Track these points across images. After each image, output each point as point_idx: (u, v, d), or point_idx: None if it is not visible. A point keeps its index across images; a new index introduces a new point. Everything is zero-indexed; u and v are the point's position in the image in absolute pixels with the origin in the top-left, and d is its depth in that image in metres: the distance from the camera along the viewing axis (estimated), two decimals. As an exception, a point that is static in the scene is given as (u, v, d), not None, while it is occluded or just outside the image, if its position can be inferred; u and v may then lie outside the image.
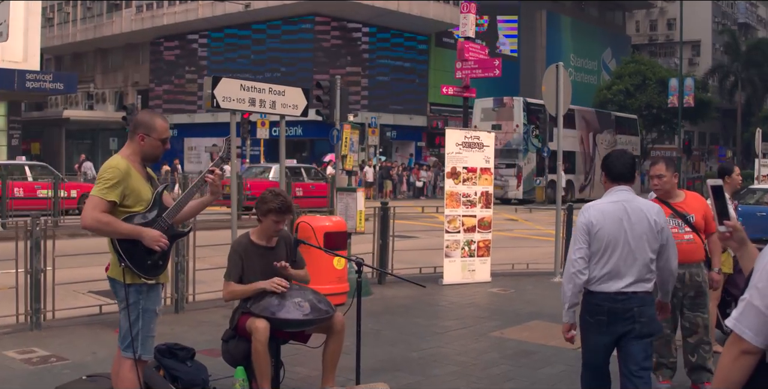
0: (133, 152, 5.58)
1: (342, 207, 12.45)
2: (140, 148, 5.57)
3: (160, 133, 5.61)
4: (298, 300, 6.33)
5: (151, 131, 5.57)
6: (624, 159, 5.71)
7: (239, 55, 53.24)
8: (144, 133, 5.55)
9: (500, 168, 36.39)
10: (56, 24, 66.90)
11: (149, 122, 5.60)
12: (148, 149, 5.59)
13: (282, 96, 11.35)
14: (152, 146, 5.59)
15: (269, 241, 6.73)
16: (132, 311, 5.49)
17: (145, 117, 5.67)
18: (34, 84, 36.38)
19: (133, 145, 5.58)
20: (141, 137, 5.55)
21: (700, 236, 7.22)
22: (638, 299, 5.47)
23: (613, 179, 5.68)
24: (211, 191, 5.74)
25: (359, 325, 6.41)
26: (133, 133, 5.59)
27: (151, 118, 5.65)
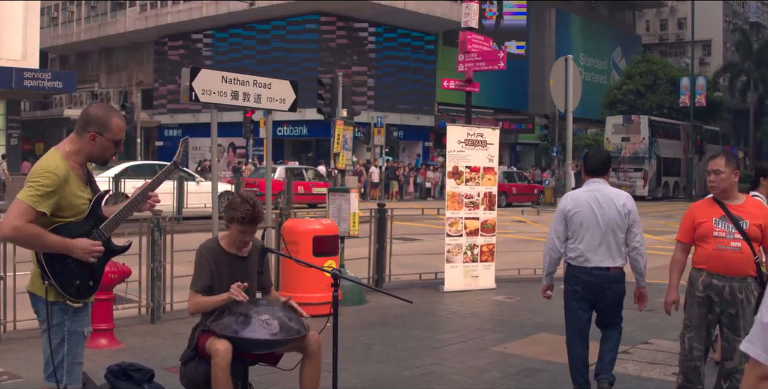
0: (77, 151, 4.70)
1: (334, 209, 11.62)
2: (88, 148, 4.70)
3: (114, 133, 4.74)
4: (265, 317, 5.48)
5: (105, 130, 4.70)
6: (597, 157, 6.93)
7: (244, 55, 52.44)
8: (96, 131, 4.67)
9: (629, 172, 48.46)
10: (60, 23, 66.33)
11: (104, 120, 4.70)
12: (98, 150, 4.73)
13: (268, 89, 10.53)
14: (103, 147, 4.73)
15: (239, 250, 5.89)
16: (55, 333, 4.65)
17: (99, 112, 4.74)
18: (32, 82, 35.78)
19: (79, 143, 4.70)
20: (92, 135, 4.67)
21: (752, 247, 6.22)
22: (610, 275, 6.72)
23: (588, 173, 6.93)
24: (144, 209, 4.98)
25: (335, 346, 5.53)
26: (82, 129, 4.69)
27: (106, 114, 4.74)
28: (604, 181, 6.83)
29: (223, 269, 5.78)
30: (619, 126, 50.70)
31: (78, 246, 4.56)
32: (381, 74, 53.56)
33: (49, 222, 4.52)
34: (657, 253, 13.31)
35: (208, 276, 5.77)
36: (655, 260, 8.17)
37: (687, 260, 6.56)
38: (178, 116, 57.73)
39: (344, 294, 10.92)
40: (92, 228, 4.70)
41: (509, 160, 65.17)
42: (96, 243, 4.64)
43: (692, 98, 53.94)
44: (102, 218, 4.75)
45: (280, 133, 50.45)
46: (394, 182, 44.58)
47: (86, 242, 4.60)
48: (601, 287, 6.70)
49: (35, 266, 4.63)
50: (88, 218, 4.70)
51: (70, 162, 4.62)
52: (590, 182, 6.87)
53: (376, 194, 42.10)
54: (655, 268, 8.34)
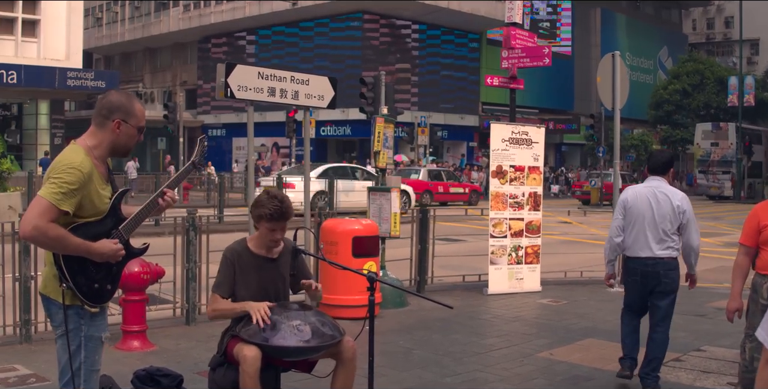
0: (98, 144, 4.40)
1: (375, 209, 11.30)
2: (113, 138, 4.41)
3: (139, 119, 4.47)
4: (296, 323, 5.17)
5: (130, 117, 4.42)
6: (659, 157, 7.43)
7: (287, 53, 52.32)
8: (121, 118, 4.39)
9: (717, 174, 51.41)
10: (105, 24, 66.68)
11: (127, 106, 4.43)
12: (123, 139, 4.43)
13: (306, 85, 10.24)
14: (128, 135, 4.44)
15: (269, 251, 5.59)
16: (72, 339, 4.36)
17: (121, 98, 4.46)
18: (75, 82, 35.96)
19: (101, 134, 4.40)
20: (117, 123, 4.38)
21: None
22: (663, 263, 7.13)
23: (650, 171, 7.42)
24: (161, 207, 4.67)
25: (371, 354, 5.19)
26: (104, 118, 4.39)
27: (128, 100, 4.47)
28: (663, 180, 7.29)
29: (250, 273, 5.49)
30: (708, 132, 52.98)
31: (101, 249, 4.28)
32: (424, 72, 53.22)
33: (68, 222, 4.21)
34: (705, 255, 12.86)
35: (232, 280, 5.48)
36: (703, 263, 7.81)
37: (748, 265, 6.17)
38: (221, 116, 57.78)
39: (384, 296, 10.62)
40: (111, 229, 4.41)
41: (554, 160, 64.59)
42: (119, 247, 4.36)
43: (740, 98, 53.06)
44: (121, 218, 4.47)
45: (323, 133, 50.30)
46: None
47: (109, 246, 4.31)
48: (658, 275, 7.10)
49: (50, 267, 4.34)
50: (108, 218, 4.40)
51: (91, 158, 4.33)
52: (650, 179, 7.36)
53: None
54: (704, 271, 7.95)
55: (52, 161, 4.33)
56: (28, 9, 37.24)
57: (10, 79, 34.51)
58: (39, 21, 37.43)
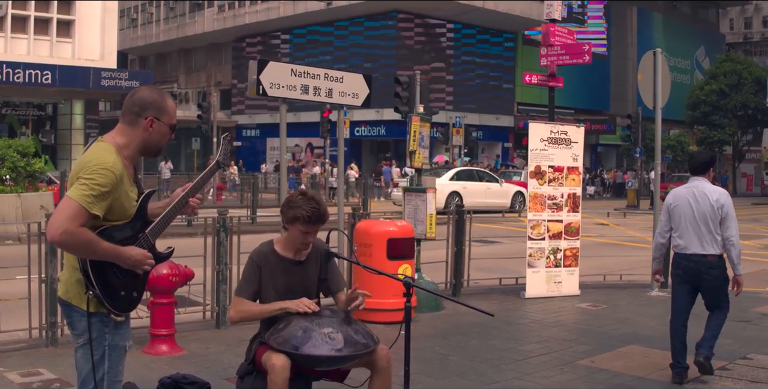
0: (130, 142, 4.14)
1: (410, 210, 11.02)
2: (145, 136, 4.16)
3: (171, 116, 4.24)
4: (328, 330, 4.91)
5: (162, 114, 4.18)
6: (699, 158, 7.77)
7: (321, 53, 52.19)
8: (154, 116, 4.15)
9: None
10: (140, 24, 66.92)
11: (159, 102, 4.18)
12: (155, 137, 4.19)
13: (340, 83, 9.99)
14: (161, 133, 4.21)
15: (297, 254, 5.33)
16: (96, 348, 4.10)
17: (153, 95, 4.21)
18: (109, 82, 36.02)
19: (132, 132, 4.14)
20: (150, 120, 4.13)
21: None
22: (707, 261, 7.42)
23: (691, 172, 7.79)
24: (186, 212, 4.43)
25: (407, 364, 4.91)
26: (136, 115, 4.14)
27: (161, 96, 4.22)
28: (704, 179, 7.62)
29: (276, 276, 5.23)
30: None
31: (130, 256, 4.04)
32: (459, 73, 52.89)
33: (94, 225, 3.95)
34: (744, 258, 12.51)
35: (257, 284, 5.23)
36: (743, 266, 7.51)
37: None
38: (256, 116, 57.74)
39: (420, 299, 10.32)
40: (138, 232, 4.16)
41: (590, 161, 64.04)
42: (148, 254, 4.12)
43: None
44: (148, 220, 4.22)
45: (358, 133, 50.10)
46: (473, 183, 43.93)
47: (139, 252, 4.07)
48: (700, 272, 7.44)
49: (71, 272, 4.09)
50: (134, 221, 4.16)
51: (121, 158, 4.08)
52: (692, 179, 7.70)
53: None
54: (745, 275, 7.64)
55: (79, 160, 4.06)
56: (63, 9, 37.37)
57: (45, 79, 34.61)
58: (74, 21, 37.54)
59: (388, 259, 9.71)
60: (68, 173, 4.62)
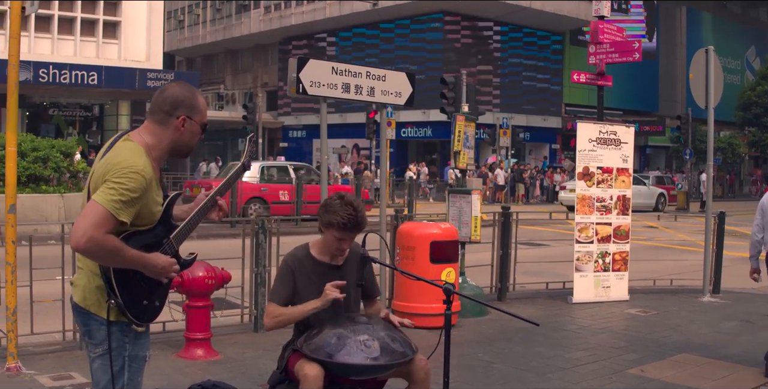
0: (159, 142, 3.89)
1: (455, 212, 10.74)
2: (175, 136, 3.91)
3: (203, 115, 3.99)
4: (363, 337, 4.65)
5: (194, 112, 3.93)
6: None
7: (367, 55, 51.95)
8: (186, 114, 3.89)
9: None
10: (186, 26, 67.20)
11: (192, 100, 3.92)
12: (186, 137, 3.94)
13: (382, 81, 9.72)
14: (192, 133, 3.95)
15: (334, 258, 5.08)
16: (115, 359, 3.86)
17: (185, 92, 3.93)
18: (155, 83, 36.13)
19: (161, 132, 3.89)
20: (183, 119, 3.87)
21: None
22: None
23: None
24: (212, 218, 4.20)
25: (446, 375, 4.63)
26: (167, 114, 3.87)
27: (192, 94, 3.95)
28: None
29: (312, 281, 4.99)
30: None
31: (156, 263, 3.79)
32: (507, 73, 52.44)
33: (119, 230, 3.69)
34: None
35: (291, 289, 4.99)
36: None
37: None
38: (302, 117, 57.66)
39: (464, 304, 10.05)
40: (162, 238, 3.91)
41: (638, 163, 63.24)
42: (173, 260, 3.88)
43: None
44: (172, 225, 3.98)
45: (404, 134, 49.84)
46: (520, 184, 43.56)
47: (165, 260, 3.83)
48: None
49: (90, 278, 3.84)
50: (159, 226, 3.90)
51: (150, 159, 3.83)
52: None
53: (502, 196, 41.15)
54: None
55: (105, 159, 3.78)
56: (109, 11, 37.59)
57: (91, 80, 34.81)
58: (120, 22, 37.73)
59: (431, 262, 9.46)
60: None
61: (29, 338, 8.04)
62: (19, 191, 17.80)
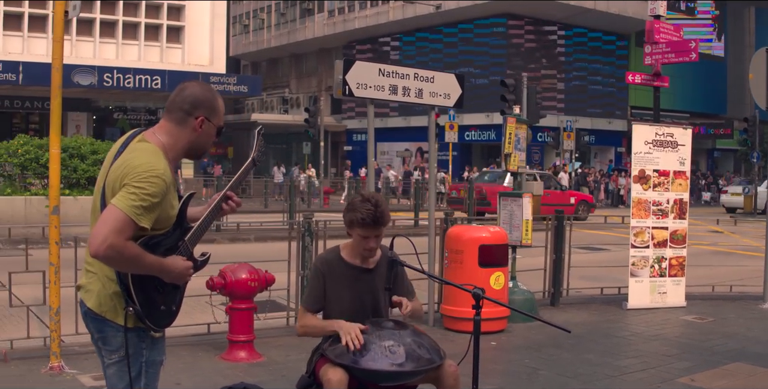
0: (176, 143, 3.79)
1: (506, 215, 10.58)
2: (192, 138, 3.81)
3: (221, 118, 3.90)
4: (389, 343, 4.53)
5: (213, 114, 3.83)
6: None
7: (431, 59, 51.76)
8: (205, 115, 3.80)
9: None
10: (251, 31, 67.69)
11: (211, 101, 3.83)
12: (203, 139, 3.84)
13: (430, 83, 9.60)
14: (208, 135, 3.85)
15: (365, 261, 4.98)
16: (132, 364, 3.78)
17: (205, 93, 3.83)
18: (218, 87, 36.43)
19: (178, 132, 3.80)
20: (201, 120, 3.78)
21: None
22: None
23: None
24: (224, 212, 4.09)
25: (475, 381, 4.47)
26: (186, 114, 3.78)
27: (212, 95, 3.86)
28: None
29: (343, 285, 4.89)
30: None
31: (174, 268, 3.71)
32: (571, 77, 51.91)
33: (136, 235, 3.60)
34: None
35: (322, 293, 4.90)
36: None
37: None
38: (366, 121, 57.63)
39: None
40: (177, 240, 3.83)
41: (706, 166, 62.22)
42: (189, 264, 3.80)
43: None
44: (187, 226, 3.90)
45: (468, 138, 49.62)
46: (585, 188, 43.01)
47: (182, 264, 3.75)
48: None
49: (107, 283, 3.74)
50: (175, 229, 3.82)
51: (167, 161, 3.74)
52: None
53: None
54: None
55: (122, 161, 3.68)
56: (172, 16, 38.04)
57: (155, 84, 35.22)
58: (183, 27, 38.13)
59: (479, 266, 9.33)
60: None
61: (76, 338, 8.05)
62: (79, 193, 18.21)
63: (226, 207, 4.04)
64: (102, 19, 37.03)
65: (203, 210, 4.00)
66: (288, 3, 63.27)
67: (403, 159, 50.66)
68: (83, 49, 36.52)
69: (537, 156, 49.27)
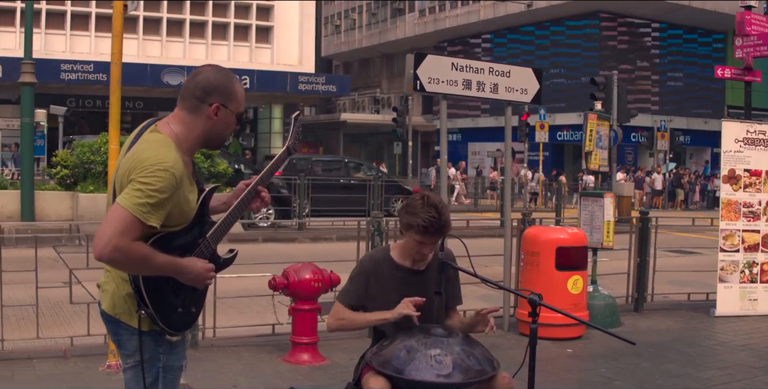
0: (190, 133, 3.53)
1: (586, 216, 10.13)
2: (208, 126, 3.53)
3: (239, 104, 3.61)
4: (435, 352, 4.19)
5: (230, 101, 3.55)
6: None
7: (522, 60, 51.07)
8: (221, 102, 3.51)
9: None
10: (343, 31, 67.78)
11: (227, 87, 3.55)
12: (219, 127, 3.57)
13: (506, 77, 9.22)
14: (226, 123, 3.58)
15: (416, 263, 4.65)
16: (148, 370, 3.55)
17: (220, 78, 3.54)
18: (306, 86, 36.56)
19: (192, 120, 3.54)
20: (216, 107, 3.49)
21: None
22: None
23: None
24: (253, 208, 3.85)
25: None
26: (199, 101, 3.50)
27: (228, 80, 3.57)
28: None
29: (390, 286, 4.56)
30: None
31: (191, 270, 3.44)
32: (665, 77, 50.71)
33: (148, 233, 3.35)
34: None
35: (362, 292, 4.59)
36: None
37: None
38: (457, 121, 57.25)
39: (593, 314, 9.46)
40: (197, 237, 3.56)
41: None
42: (210, 266, 3.52)
43: None
44: (208, 223, 3.62)
45: (560, 137, 48.82)
46: (680, 190, 41.91)
47: (200, 266, 3.47)
48: None
49: (120, 284, 3.49)
50: (194, 225, 3.55)
51: (181, 153, 3.46)
52: None
53: (659, 202, 39.76)
54: None
55: (131, 153, 3.43)
56: (261, 16, 38.27)
57: (243, 84, 35.24)
58: (272, 27, 38.31)
59: (556, 269, 8.95)
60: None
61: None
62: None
63: (256, 205, 3.78)
64: (191, 19, 37.39)
65: (230, 200, 3.75)
66: (379, 3, 63.18)
67: (494, 159, 50.09)
68: (173, 50, 36.94)
69: (630, 156, 48.27)
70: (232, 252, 3.76)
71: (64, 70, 32.10)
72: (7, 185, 19.58)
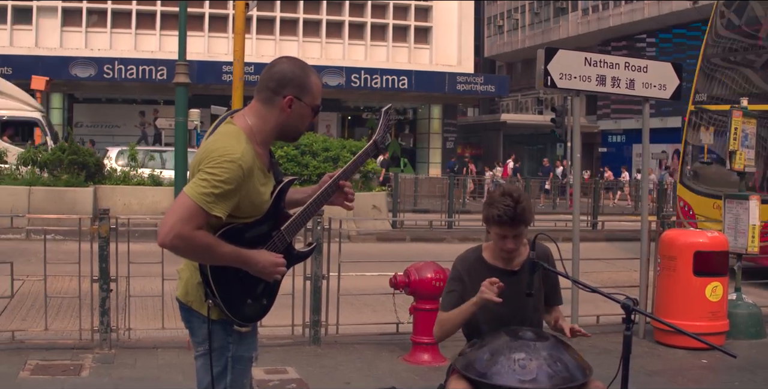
0: (264, 125, 3.52)
1: (731, 219, 9.65)
2: (282, 118, 3.51)
3: (315, 96, 3.56)
4: (519, 356, 4.01)
5: (305, 93, 3.51)
6: None
7: (688, 56, 49.52)
8: (294, 94, 3.49)
9: None
10: (506, 31, 67.34)
11: (302, 79, 3.51)
12: (294, 120, 3.54)
13: (643, 73, 8.86)
14: (301, 116, 3.55)
15: (509, 262, 4.48)
16: (217, 359, 3.55)
17: (295, 70, 3.53)
18: (464, 86, 36.60)
19: (266, 113, 3.53)
20: (290, 100, 3.47)
21: None
22: None
23: None
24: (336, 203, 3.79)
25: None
26: (273, 93, 3.50)
27: (303, 72, 3.53)
28: None
29: None
30: None
31: (257, 262, 3.43)
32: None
33: (218, 224, 3.37)
34: None
35: (459, 297, 4.45)
36: None
37: None
38: (621, 122, 56.03)
39: (735, 324, 8.98)
40: (271, 229, 3.55)
41: None
42: (281, 261, 3.49)
43: None
44: (285, 215, 3.60)
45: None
46: None
47: (267, 259, 3.45)
48: None
49: (194, 272, 3.52)
50: (268, 217, 3.53)
51: (253, 144, 3.46)
52: None
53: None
54: None
55: (204, 144, 3.47)
56: (420, 17, 38.50)
57: (402, 84, 35.76)
58: (431, 28, 38.45)
59: (694, 275, 8.52)
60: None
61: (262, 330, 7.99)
62: (305, 188, 18.51)
63: (338, 200, 3.73)
64: (350, 21, 37.95)
65: (313, 192, 3.71)
66: (542, 2, 62.50)
67: (659, 161, 48.74)
68: (333, 51, 37.56)
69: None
70: (311, 245, 3.74)
71: (226, 72, 33.03)
72: (162, 182, 20.13)
